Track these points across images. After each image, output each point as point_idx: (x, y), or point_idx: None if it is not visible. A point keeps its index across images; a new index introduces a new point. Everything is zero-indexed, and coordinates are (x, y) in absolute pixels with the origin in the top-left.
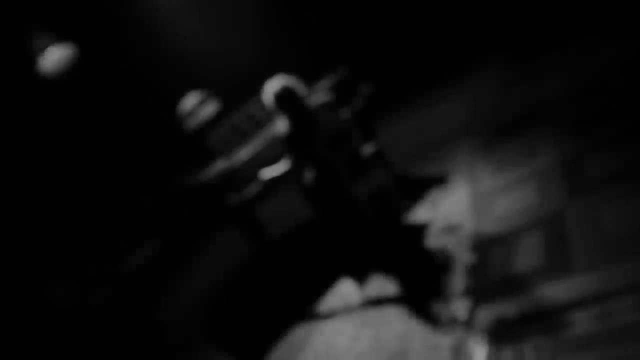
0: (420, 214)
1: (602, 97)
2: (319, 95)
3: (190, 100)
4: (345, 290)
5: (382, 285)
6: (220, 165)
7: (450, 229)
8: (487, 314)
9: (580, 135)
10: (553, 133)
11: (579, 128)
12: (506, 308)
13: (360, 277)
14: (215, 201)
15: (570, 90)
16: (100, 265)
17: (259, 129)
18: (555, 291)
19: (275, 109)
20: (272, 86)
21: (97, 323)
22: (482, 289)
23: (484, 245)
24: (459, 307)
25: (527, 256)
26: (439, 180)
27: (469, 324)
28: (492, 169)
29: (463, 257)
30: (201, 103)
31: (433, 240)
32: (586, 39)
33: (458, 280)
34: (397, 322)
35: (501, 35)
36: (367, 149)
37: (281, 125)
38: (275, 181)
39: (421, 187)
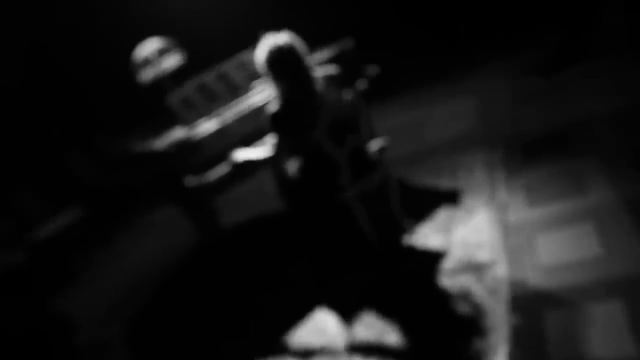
0: (428, 238)
1: None
2: (323, 67)
3: (149, 47)
4: (322, 325)
5: (378, 327)
6: (178, 132)
7: (474, 268)
8: None
9: None
10: (603, 163)
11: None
12: None
13: (346, 310)
14: (165, 176)
15: (614, 114)
16: (8, 231)
17: (235, 95)
18: None
19: (269, 71)
20: (269, 42)
21: None
22: None
23: (532, 304)
24: None
25: (608, 336)
26: (450, 198)
27: None
28: (523, 197)
29: (500, 314)
30: (163, 52)
31: (448, 279)
32: (625, 57)
33: (499, 347)
34: None
35: (519, 37)
36: (375, 144)
37: (272, 95)
38: (250, 166)
39: (427, 203)
